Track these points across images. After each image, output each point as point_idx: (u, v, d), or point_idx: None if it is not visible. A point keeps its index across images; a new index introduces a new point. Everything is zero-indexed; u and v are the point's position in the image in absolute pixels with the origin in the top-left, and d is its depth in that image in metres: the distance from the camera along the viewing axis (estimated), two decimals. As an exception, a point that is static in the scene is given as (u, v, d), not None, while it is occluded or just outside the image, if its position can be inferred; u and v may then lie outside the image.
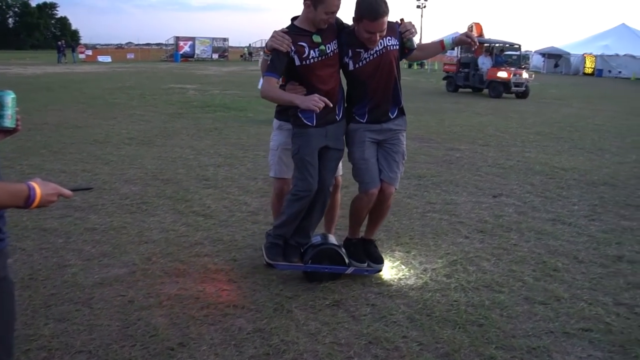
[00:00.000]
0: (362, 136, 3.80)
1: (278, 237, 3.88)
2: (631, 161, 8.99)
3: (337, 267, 3.95)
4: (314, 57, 3.55)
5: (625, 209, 6.08)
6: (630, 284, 4.09)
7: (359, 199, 3.90)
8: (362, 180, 3.84)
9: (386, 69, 3.70)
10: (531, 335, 3.32)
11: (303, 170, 3.70)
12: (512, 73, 20.71)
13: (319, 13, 3.46)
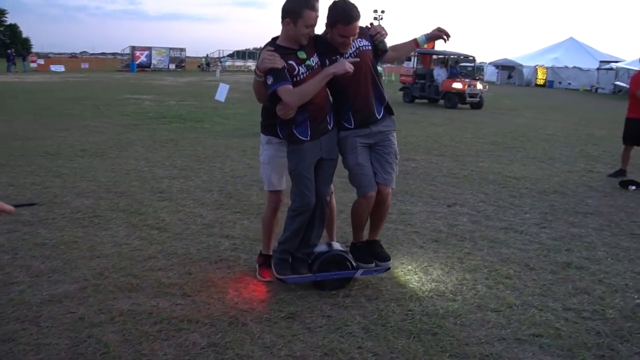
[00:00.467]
0: (354, 142, 3.89)
1: (284, 253, 3.96)
2: (580, 170, 9.28)
3: (346, 272, 4.04)
4: (303, 73, 3.65)
5: (574, 217, 6.26)
6: (578, 290, 4.21)
7: (359, 203, 4.00)
8: (359, 185, 3.94)
9: (363, 70, 3.80)
10: (484, 342, 3.38)
11: (301, 186, 3.80)
12: (467, 84, 21.17)
13: (299, 28, 3.55)
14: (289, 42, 3.66)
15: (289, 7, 3.57)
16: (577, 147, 11.87)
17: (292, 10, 3.55)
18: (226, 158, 8.89)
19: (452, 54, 23.51)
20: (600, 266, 4.72)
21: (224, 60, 63.40)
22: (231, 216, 5.70)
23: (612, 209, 6.69)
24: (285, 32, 3.65)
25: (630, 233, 5.73)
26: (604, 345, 3.40)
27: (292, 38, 3.63)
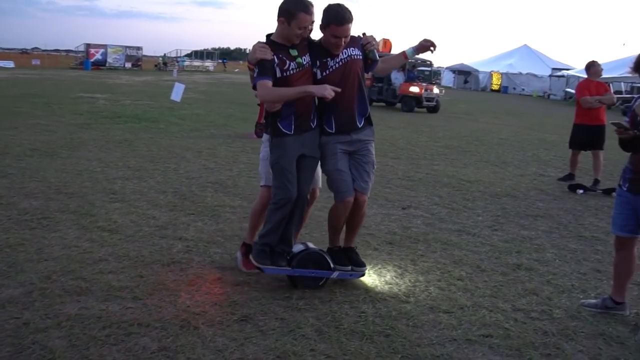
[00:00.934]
0: (334, 148, 4.01)
1: (265, 245, 4.03)
2: (531, 173, 9.52)
3: (323, 272, 4.09)
4: (293, 69, 3.80)
5: (525, 219, 6.41)
6: (527, 291, 4.30)
7: (336, 208, 4.11)
8: (338, 190, 4.05)
9: (351, 78, 3.94)
10: (435, 343, 3.42)
11: (282, 179, 3.91)
12: (424, 88, 21.46)
13: (292, 28, 3.72)
14: (282, 39, 3.81)
15: (285, 7, 3.73)
16: (529, 152, 12.17)
17: (287, 11, 3.71)
18: (181, 159, 8.77)
19: (409, 58, 23.76)
20: (548, 267, 4.85)
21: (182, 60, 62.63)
22: (185, 218, 5.63)
23: (561, 212, 6.88)
24: (279, 30, 3.81)
25: (577, 235, 5.90)
26: (550, 344, 3.49)
27: (285, 37, 3.79)
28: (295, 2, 3.72)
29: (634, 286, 4.39)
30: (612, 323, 3.85)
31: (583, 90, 8.55)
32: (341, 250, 4.26)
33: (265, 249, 4.03)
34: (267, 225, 4.03)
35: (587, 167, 9.35)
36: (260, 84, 3.69)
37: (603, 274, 4.75)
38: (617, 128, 3.71)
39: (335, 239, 4.29)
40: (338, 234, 4.27)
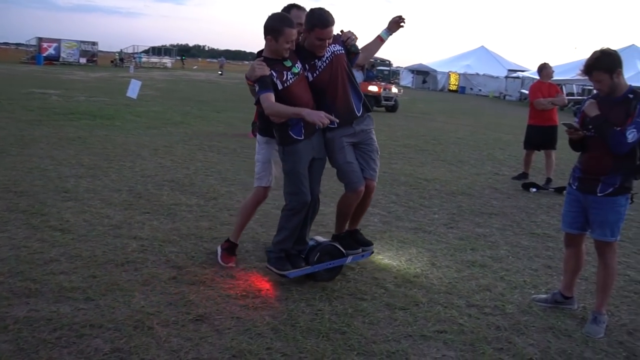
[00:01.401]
0: (341, 142, 4.21)
1: (281, 252, 4.16)
2: (486, 172, 9.71)
3: (339, 260, 4.31)
4: (290, 79, 4.00)
5: (480, 217, 6.53)
6: (481, 287, 4.39)
7: (349, 197, 4.32)
8: (350, 181, 4.26)
9: (340, 72, 4.18)
10: (391, 339, 3.45)
11: (298, 184, 4.06)
12: (383, 87, 21.64)
13: (280, 44, 3.90)
14: (273, 54, 3.99)
15: (270, 26, 3.92)
16: (485, 151, 12.41)
17: (273, 29, 3.90)
18: (137, 157, 8.62)
19: (369, 57, 23.91)
20: (502, 264, 4.95)
21: (139, 56, 61.52)
22: (140, 217, 5.53)
23: (515, 210, 7.03)
24: (268, 47, 4.00)
25: (530, 232, 6.04)
26: (502, 339, 3.57)
27: (275, 51, 3.97)
28: (279, 19, 3.93)
29: (582, 281, 4.52)
30: (561, 317, 3.96)
31: (536, 92, 8.77)
32: (347, 235, 4.51)
33: (282, 255, 4.15)
34: (284, 232, 4.15)
35: (540, 167, 9.58)
36: (264, 97, 3.86)
37: (553, 269, 4.88)
38: (568, 128, 3.81)
39: (342, 226, 4.52)
40: (346, 222, 4.51)
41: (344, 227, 4.53)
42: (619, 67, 3.66)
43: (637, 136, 3.55)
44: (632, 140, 3.55)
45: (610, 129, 3.62)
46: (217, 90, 27.46)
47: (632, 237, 6.08)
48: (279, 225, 4.21)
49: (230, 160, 8.76)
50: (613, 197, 3.71)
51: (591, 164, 3.80)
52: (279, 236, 4.18)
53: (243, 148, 10.05)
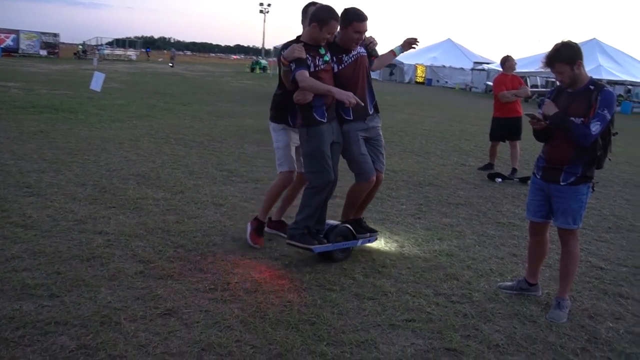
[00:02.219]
0: (356, 135, 4.58)
1: (305, 228, 4.44)
2: (453, 163, 9.82)
3: (352, 242, 4.68)
4: (321, 65, 4.36)
5: (447, 207, 6.61)
6: (449, 276, 4.45)
7: (361, 186, 4.69)
8: (364, 172, 4.61)
9: (361, 70, 4.60)
10: (360, 329, 3.47)
11: (323, 163, 4.38)
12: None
13: (323, 33, 4.30)
14: (312, 41, 4.35)
15: (319, 15, 4.30)
16: (452, 142, 12.55)
17: (320, 19, 4.27)
18: (102, 151, 8.46)
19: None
20: (468, 253, 5.02)
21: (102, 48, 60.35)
22: (105, 211, 5.44)
23: (481, 200, 7.14)
24: (309, 33, 4.36)
25: (495, 222, 6.14)
26: (470, 326, 3.62)
27: (315, 39, 4.34)
28: (328, 11, 4.30)
29: (546, 268, 4.62)
30: (526, 303, 4.05)
31: (500, 85, 8.90)
32: (354, 222, 4.83)
33: (306, 231, 4.43)
34: (307, 210, 4.44)
35: (506, 157, 9.74)
36: (300, 72, 4.21)
37: (519, 257, 4.98)
38: (531, 119, 3.87)
39: (349, 214, 4.87)
40: (354, 209, 4.88)
41: (351, 215, 4.86)
42: (579, 59, 3.74)
43: (600, 128, 3.64)
44: (596, 132, 3.64)
45: (572, 124, 3.69)
46: (183, 83, 27.14)
47: (593, 224, 6.23)
48: (303, 203, 4.48)
49: (198, 153, 8.68)
50: (575, 186, 3.80)
51: (554, 153, 3.88)
52: (303, 214, 4.45)
53: (210, 141, 9.96)
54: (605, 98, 3.68)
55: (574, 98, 3.78)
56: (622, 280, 4.64)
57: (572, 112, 3.74)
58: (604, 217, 6.70)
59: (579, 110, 3.72)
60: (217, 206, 5.87)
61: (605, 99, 3.68)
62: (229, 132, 11.30)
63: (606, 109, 3.66)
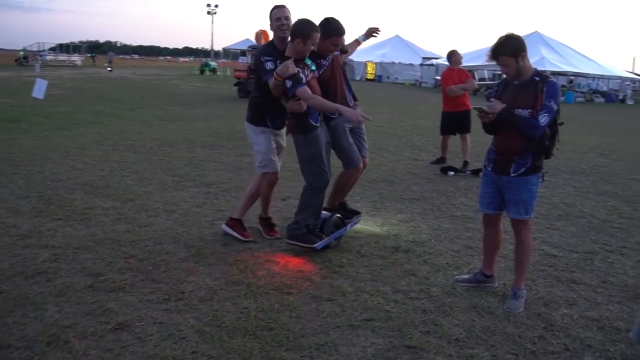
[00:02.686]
0: (343, 127, 4.90)
1: (306, 227, 4.69)
2: (405, 158, 9.88)
3: (342, 229, 5.02)
4: (308, 75, 4.61)
5: (401, 203, 6.63)
6: (406, 272, 4.44)
7: (349, 174, 5.07)
8: (352, 160, 4.97)
9: (338, 69, 4.99)
10: (319, 332, 3.42)
11: (321, 165, 4.67)
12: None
13: (307, 46, 4.51)
14: (297, 55, 4.54)
15: (301, 30, 4.49)
16: (404, 137, 12.64)
17: (304, 33, 4.46)
18: (46, 160, 8.14)
19: (285, 49, 23.79)
20: (424, 248, 5.03)
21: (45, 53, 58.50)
22: (51, 224, 5.22)
23: (435, 194, 7.19)
24: (295, 48, 4.54)
25: (450, 215, 6.19)
26: (429, 322, 3.62)
27: (300, 52, 4.54)
28: (308, 25, 4.49)
29: (501, 259, 4.65)
30: (484, 295, 4.08)
31: (447, 80, 9.00)
32: (340, 207, 5.18)
33: (306, 230, 4.68)
34: (309, 210, 4.71)
35: (457, 150, 9.85)
36: (302, 90, 4.44)
37: (474, 250, 5.01)
38: (479, 112, 3.89)
39: (336, 200, 5.21)
40: (340, 195, 5.23)
41: (337, 200, 5.22)
42: (523, 51, 3.78)
43: (548, 119, 3.68)
44: (545, 123, 3.68)
45: (520, 118, 3.73)
46: (131, 87, 26.56)
47: (544, 213, 6.35)
48: (303, 204, 4.74)
49: (148, 159, 8.47)
50: (525, 177, 3.84)
51: (504, 145, 3.91)
52: (304, 214, 4.70)
53: (160, 146, 9.74)
54: (551, 89, 3.73)
55: (520, 90, 3.81)
56: (574, 267, 4.73)
57: (519, 104, 3.78)
58: (554, 205, 6.85)
59: (526, 102, 3.76)
60: (169, 213, 5.72)
61: (550, 90, 3.72)
62: (180, 136, 11.09)
63: (552, 100, 3.70)
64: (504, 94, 3.93)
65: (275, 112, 4.84)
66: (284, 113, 4.82)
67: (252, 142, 5.06)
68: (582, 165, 9.95)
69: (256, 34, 27.06)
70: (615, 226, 6.05)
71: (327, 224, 4.82)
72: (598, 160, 10.84)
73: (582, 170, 9.51)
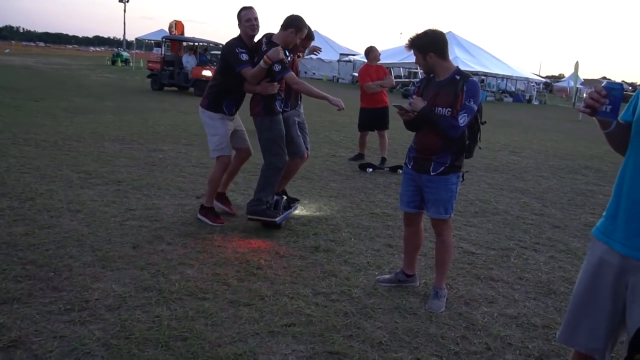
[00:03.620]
0: (293, 120, 5.56)
1: (266, 203, 5.18)
2: (324, 155, 9.81)
3: (290, 210, 5.61)
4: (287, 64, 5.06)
5: (320, 201, 6.52)
6: (326, 273, 4.32)
7: (296, 163, 5.68)
8: (299, 150, 5.60)
9: (296, 69, 5.53)
10: (237, 340, 3.22)
11: (282, 146, 5.17)
12: (217, 72, 21.10)
13: (295, 38, 5.07)
14: (284, 44, 5.01)
15: (296, 22, 5.03)
16: (322, 134, 12.57)
17: (297, 26, 5.03)
18: None
19: (201, 41, 23.27)
20: (345, 247, 4.93)
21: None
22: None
23: (354, 191, 7.13)
24: (284, 37, 5.03)
25: (369, 213, 6.14)
26: (351, 325, 3.51)
27: (287, 42, 5.05)
28: (301, 20, 5.06)
29: (421, 257, 4.63)
30: (406, 295, 4.02)
31: (365, 76, 8.99)
32: (281, 193, 5.70)
33: (266, 206, 5.16)
34: (269, 188, 5.19)
35: (375, 147, 9.88)
36: (291, 75, 5.02)
37: (394, 248, 4.97)
38: (399, 110, 3.81)
39: (280, 187, 5.66)
40: (284, 183, 5.78)
41: (281, 187, 5.72)
42: (432, 52, 3.72)
43: (468, 119, 3.65)
44: (464, 123, 3.65)
45: (440, 117, 3.69)
46: (35, 77, 25.00)
47: (461, 210, 6.43)
48: (264, 183, 5.17)
49: (51, 155, 7.87)
50: (445, 176, 3.80)
51: (424, 144, 3.85)
52: (265, 192, 5.16)
53: (66, 140, 9.12)
54: (471, 89, 3.70)
55: (441, 88, 3.77)
56: (492, 264, 4.79)
57: (439, 102, 3.73)
58: (471, 202, 6.96)
59: (446, 100, 3.71)
60: (74, 213, 5.30)
61: (470, 90, 3.69)
62: (87, 129, 10.45)
63: (472, 100, 3.68)
64: (425, 90, 3.87)
65: (231, 100, 5.30)
66: (239, 101, 5.38)
67: (207, 128, 5.38)
68: (495, 163, 10.26)
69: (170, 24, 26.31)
70: (528, 222, 6.23)
71: (278, 205, 5.33)
72: (510, 157, 11.23)
73: (495, 167, 9.80)
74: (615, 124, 2.09)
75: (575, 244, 5.55)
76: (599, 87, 2.02)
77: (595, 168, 10.87)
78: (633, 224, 2.04)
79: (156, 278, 3.98)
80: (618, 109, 2.02)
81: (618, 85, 2.01)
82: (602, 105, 2.01)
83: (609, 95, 2.00)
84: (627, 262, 2.05)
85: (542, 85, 50.45)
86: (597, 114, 2.03)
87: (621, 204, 2.10)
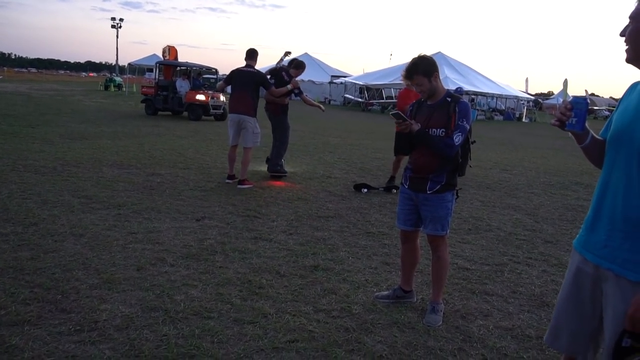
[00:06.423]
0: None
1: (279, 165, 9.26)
2: (319, 176, 9.96)
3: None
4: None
5: (317, 221, 6.65)
6: (326, 290, 4.44)
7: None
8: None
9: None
10: (243, 356, 3.34)
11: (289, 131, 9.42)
12: (210, 96, 21.34)
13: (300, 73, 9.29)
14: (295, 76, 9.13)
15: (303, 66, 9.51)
16: (316, 155, 12.74)
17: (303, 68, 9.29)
18: None
19: (194, 65, 23.52)
20: (343, 266, 5.06)
21: None
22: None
23: (350, 211, 7.27)
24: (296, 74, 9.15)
25: (366, 232, 6.28)
26: (352, 340, 3.62)
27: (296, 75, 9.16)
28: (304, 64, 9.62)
29: (418, 274, 4.77)
30: (404, 311, 4.15)
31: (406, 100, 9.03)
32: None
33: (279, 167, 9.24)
34: (281, 155, 9.29)
35: (369, 167, 10.04)
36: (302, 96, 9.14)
37: (391, 266, 5.10)
38: (397, 119, 3.96)
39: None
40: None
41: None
42: (435, 71, 3.93)
43: (462, 138, 3.84)
44: (459, 142, 3.83)
45: (435, 138, 3.86)
46: (29, 103, 25.11)
47: (455, 227, 6.58)
48: (279, 152, 9.27)
49: (51, 180, 7.98)
50: (441, 194, 3.96)
51: (419, 163, 4.02)
52: (280, 157, 9.28)
53: (64, 166, 9.24)
54: (462, 109, 3.88)
55: (434, 110, 3.95)
56: (486, 279, 4.93)
57: (433, 123, 3.90)
58: (464, 219, 7.12)
59: (439, 122, 3.89)
60: (77, 237, 5.42)
61: (462, 110, 3.88)
62: (85, 155, 10.58)
63: (464, 120, 3.86)
64: (418, 113, 4.05)
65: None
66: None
67: (252, 128, 8.49)
68: (487, 181, 10.44)
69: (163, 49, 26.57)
70: (520, 238, 6.38)
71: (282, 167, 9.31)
72: (501, 175, 11.43)
73: (488, 185, 9.98)
74: (590, 139, 2.26)
75: (567, 258, 5.69)
76: (566, 102, 2.20)
77: (586, 184, 11.08)
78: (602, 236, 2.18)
79: (161, 298, 4.09)
80: (584, 121, 2.19)
81: (582, 99, 2.18)
82: (568, 118, 2.18)
83: (574, 108, 2.18)
84: (599, 271, 2.20)
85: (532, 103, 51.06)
86: (565, 127, 2.20)
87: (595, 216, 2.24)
